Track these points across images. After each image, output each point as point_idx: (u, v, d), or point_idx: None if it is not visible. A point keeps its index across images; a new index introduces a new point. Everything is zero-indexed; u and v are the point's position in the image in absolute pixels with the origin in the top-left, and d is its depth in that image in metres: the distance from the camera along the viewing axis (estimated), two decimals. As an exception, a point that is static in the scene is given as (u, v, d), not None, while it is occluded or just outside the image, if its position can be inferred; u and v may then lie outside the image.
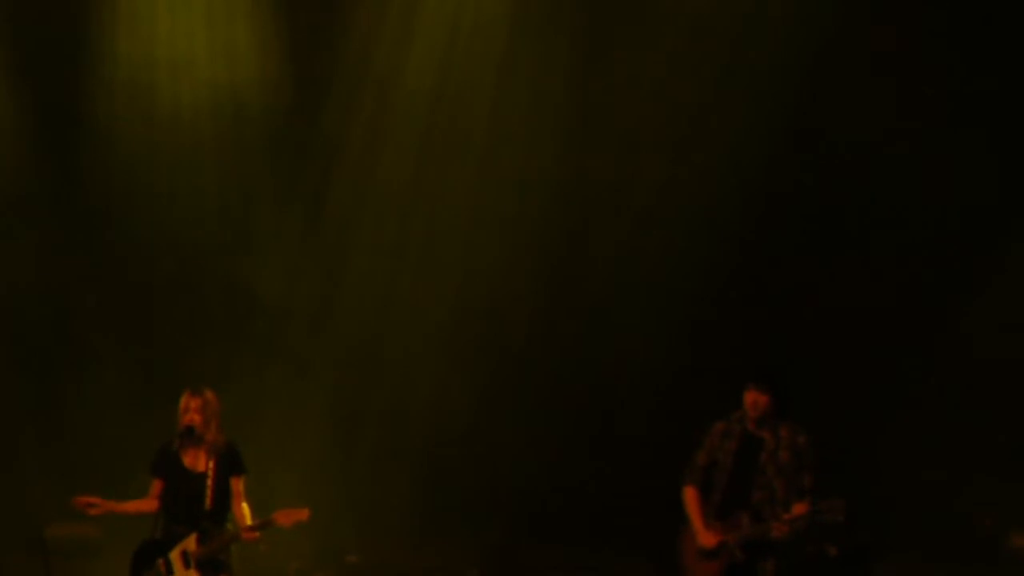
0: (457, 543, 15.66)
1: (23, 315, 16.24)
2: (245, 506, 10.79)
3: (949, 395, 14.99)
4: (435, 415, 16.01)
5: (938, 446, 14.79)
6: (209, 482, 10.72)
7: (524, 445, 15.71)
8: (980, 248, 15.12)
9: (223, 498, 10.75)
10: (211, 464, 10.77)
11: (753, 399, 10.52)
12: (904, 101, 15.14)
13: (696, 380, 14.80)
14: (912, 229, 15.27)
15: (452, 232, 16.19)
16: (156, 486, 10.90)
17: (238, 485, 10.83)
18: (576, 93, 16.01)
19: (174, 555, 10.67)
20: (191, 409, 10.80)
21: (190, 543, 10.65)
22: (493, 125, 16.12)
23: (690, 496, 10.62)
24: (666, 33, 15.69)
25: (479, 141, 16.13)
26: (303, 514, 10.55)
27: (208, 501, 10.69)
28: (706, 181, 15.49)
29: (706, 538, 10.41)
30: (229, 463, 10.82)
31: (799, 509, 10.26)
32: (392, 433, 16.04)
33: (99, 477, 12.19)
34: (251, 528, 10.61)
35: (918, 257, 15.27)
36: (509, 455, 15.70)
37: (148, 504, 10.89)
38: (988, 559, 14.45)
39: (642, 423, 15.43)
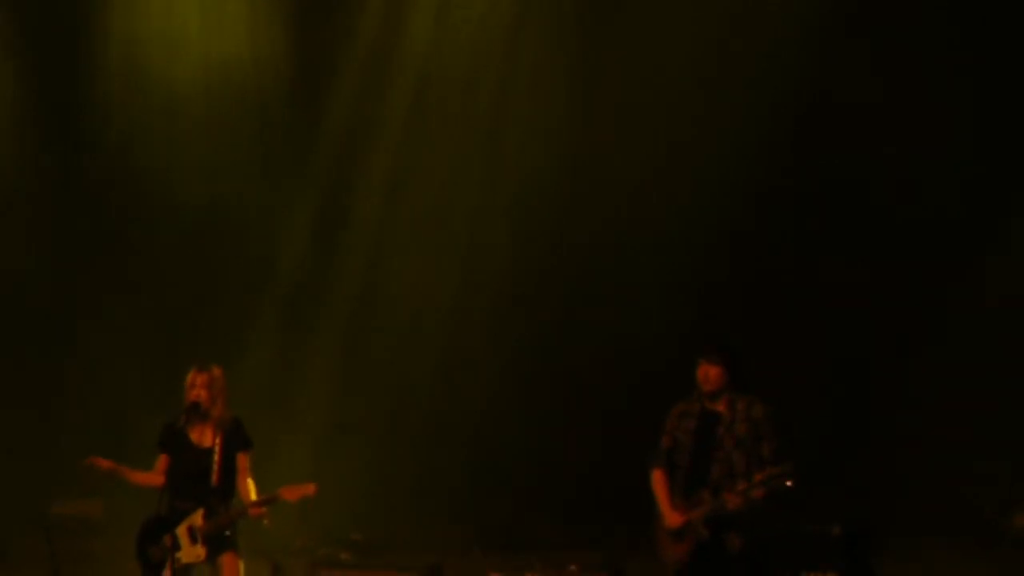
0: (461, 521, 15.69)
1: (28, 292, 16.26)
2: (251, 482, 10.77)
3: (952, 376, 15.02)
4: (442, 393, 16.05)
5: (941, 427, 14.81)
6: (216, 458, 10.69)
7: (529, 423, 15.75)
8: (982, 234, 15.16)
9: (229, 474, 10.73)
10: (217, 440, 10.74)
11: (704, 372, 10.44)
12: (904, 89, 15.21)
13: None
14: (918, 210, 15.29)
15: (459, 209, 16.21)
16: (162, 461, 10.88)
17: (244, 461, 10.80)
18: (580, 75, 16.04)
19: (180, 531, 10.64)
20: (197, 385, 10.79)
21: (196, 518, 10.62)
22: (498, 106, 16.15)
23: (657, 479, 10.57)
24: (668, 14, 15.71)
25: (485, 119, 16.17)
26: (309, 489, 10.52)
27: (214, 477, 10.66)
28: (708, 165, 15.52)
29: (672, 519, 10.38)
30: (235, 439, 10.79)
31: (758, 479, 10.21)
32: (398, 411, 16.06)
33: (104, 456, 12.12)
34: (257, 503, 10.58)
35: (922, 238, 15.30)
36: (514, 434, 15.73)
37: (154, 478, 10.87)
38: (993, 537, 14.49)
39: (647, 402, 15.42)
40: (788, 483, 10.05)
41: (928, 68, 15.07)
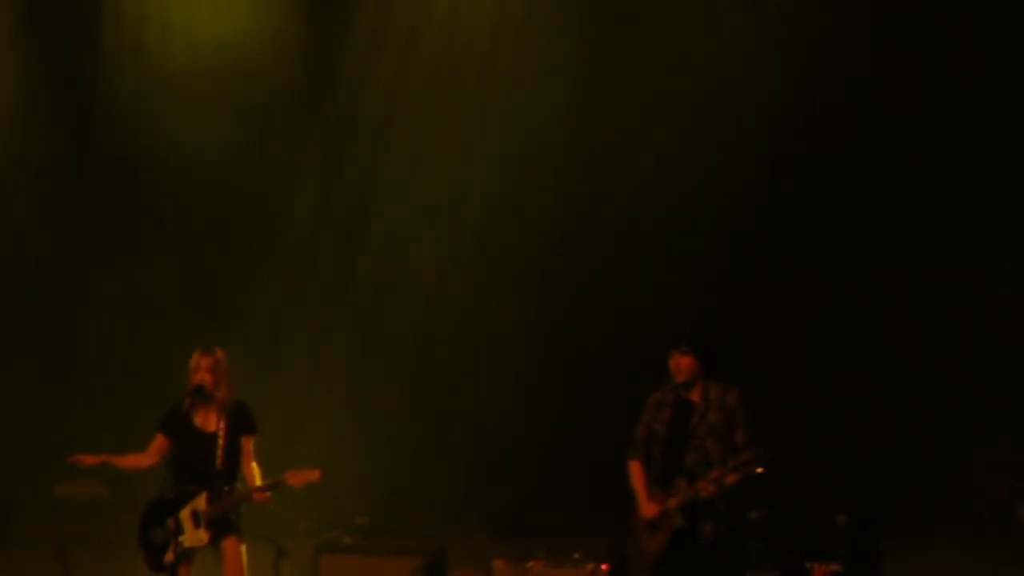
0: (466, 507, 15.71)
1: (32, 273, 16.29)
2: (255, 466, 10.77)
3: (960, 365, 15.00)
4: (449, 380, 16.06)
5: (949, 416, 14.80)
6: (220, 441, 10.68)
7: (536, 411, 15.76)
8: (987, 227, 15.15)
9: (233, 458, 10.72)
10: (222, 424, 10.74)
11: (676, 363, 10.45)
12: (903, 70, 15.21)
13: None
14: (923, 202, 15.30)
15: (472, 180, 16.20)
16: (158, 441, 10.87)
17: (248, 445, 10.80)
18: (588, 66, 16.05)
19: (184, 514, 10.64)
20: (202, 368, 10.77)
21: (200, 502, 10.62)
22: (511, 77, 16.17)
23: (634, 470, 10.58)
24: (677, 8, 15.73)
25: (490, 104, 16.18)
26: (314, 475, 10.52)
27: (219, 460, 10.66)
28: (712, 160, 15.52)
29: (648, 509, 10.40)
30: (240, 423, 10.78)
31: (730, 466, 10.18)
32: (405, 397, 16.07)
33: (111, 439, 12.14)
34: (261, 488, 10.58)
35: (928, 229, 15.30)
36: (521, 420, 15.75)
37: (144, 459, 10.87)
38: (999, 527, 14.48)
39: (651, 387, 15.45)
40: (759, 469, 10.06)
41: (930, 64, 15.09)
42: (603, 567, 11.75)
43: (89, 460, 10.83)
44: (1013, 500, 14.65)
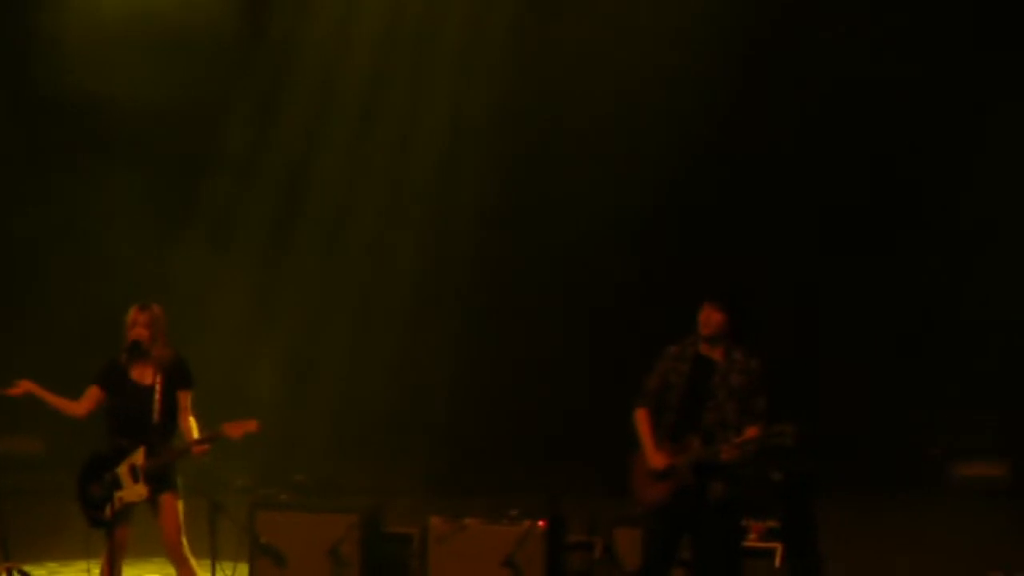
0: (404, 463, 15.73)
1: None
2: (192, 420, 10.73)
3: (898, 327, 15.11)
4: (388, 335, 16.07)
5: (887, 376, 14.90)
6: (156, 396, 10.65)
7: (477, 367, 15.80)
8: (934, 188, 15.24)
9: (170, 412, 10.69)
10: (158, 378, 10.70)
11: (707, 316, 10.22)
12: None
13: (653, 306, 14.89)
14: (863, 157, 15.38)
15: (422, 133, 16.18)
16: (91, 392, 10.78)
17: (185, 399, 10.76)
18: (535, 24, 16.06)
19: (122, 469, 10.59)
20: (138, 323, 10.74)
21: (138, 457, 10.58)
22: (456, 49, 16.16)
23: (641, 418, 10.38)
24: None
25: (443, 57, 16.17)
26: (251, 425, 10.49)
27: (155, 415, 10.62)
28: (659, 120, 15.53)
29: (656, 460, 10.24)
30: (176, 377, 10.75)
31: (751, 433, 10.11)
32: (344, 354, 16.07)
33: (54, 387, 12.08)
34: (200, 440, 10.56)
35: (870, 187, 15.38)
36: (462, 376, 15.79)
37: (75, 406, 10.78)
38: (933, 487, 14.61)
39: (592, 345, 15.51)
40: (791, 443, 9.95)
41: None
42: (539, 524, 11.76)
43: (15, 391, 10.74)
44: (948, 461, 14.80)
